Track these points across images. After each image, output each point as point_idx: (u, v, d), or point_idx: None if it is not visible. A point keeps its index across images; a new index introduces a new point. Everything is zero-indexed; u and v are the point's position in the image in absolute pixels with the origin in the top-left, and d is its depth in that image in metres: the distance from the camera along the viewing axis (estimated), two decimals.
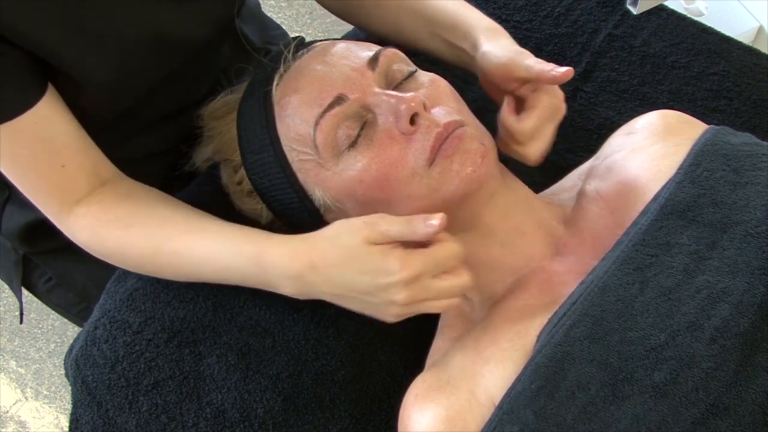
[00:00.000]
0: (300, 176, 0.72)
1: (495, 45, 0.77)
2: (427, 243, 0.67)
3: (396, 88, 0.72)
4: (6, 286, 1.61)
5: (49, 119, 0.71)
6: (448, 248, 0.67)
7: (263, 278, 0.71)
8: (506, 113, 0.74)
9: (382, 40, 0.81)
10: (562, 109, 0.76)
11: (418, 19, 0.84)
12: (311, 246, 0.68)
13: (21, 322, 1.08)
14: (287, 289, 0.70)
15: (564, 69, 0.70)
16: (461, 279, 0.67)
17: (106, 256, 0.77)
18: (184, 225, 0.74)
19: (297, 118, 0.71)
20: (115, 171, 0.79)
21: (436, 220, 0.64)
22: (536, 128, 0.73)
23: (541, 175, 0.90)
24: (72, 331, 1.73)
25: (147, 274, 0.80)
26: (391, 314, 0.68)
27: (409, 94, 0.68)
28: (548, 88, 0.74)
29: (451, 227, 0.72)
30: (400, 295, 0.65)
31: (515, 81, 0.75)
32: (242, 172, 0.77)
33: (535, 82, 0.73)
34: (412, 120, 0.68)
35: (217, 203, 0.84)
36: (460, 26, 0.81)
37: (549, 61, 0.99)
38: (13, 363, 1.72)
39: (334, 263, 0.67)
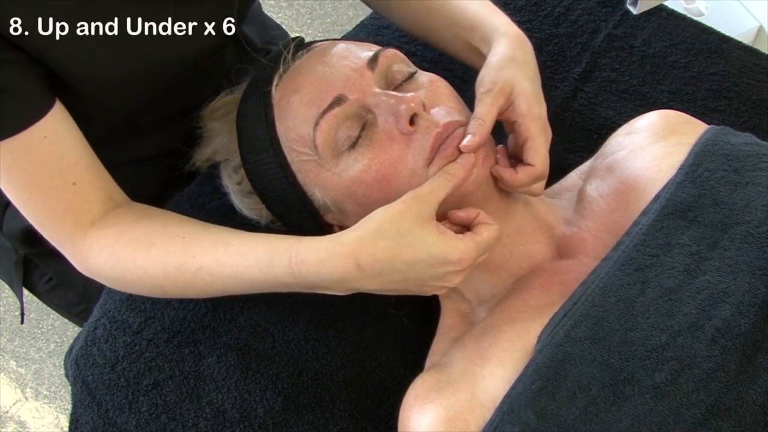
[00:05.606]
0: (300, 177, 0.72)
1: (494, 57, 0.73)
2: (469, 224, 0.67)
3: (396, 88, 0.71)
4: (6, 286, 1.61)
5: (58, 133, 0.67)
6: (494, 231, 0.67)
7: (303, 285, 0.68)
8: (510, 175, 0.70)
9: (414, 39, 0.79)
10: (549, 129, 0.73)
11: (441, 19, 0.82)
12: (353, 246, 0.64)
13: (22, 322, 1.08)
14: (332, 290, 0.68)
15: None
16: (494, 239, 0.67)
17: (121, 280, 0.73)
18: (208, 241, 0.70)
19: (297, 118, 0.71)
20: (126, 197, 0.76)
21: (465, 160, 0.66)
22: (546, 163, 0.70)
23: None
24: (72, 331, 1.73)
25: (164, 297, 0.76)
26: (435, 292, 0.69)
27: (408, 95, 0.68)
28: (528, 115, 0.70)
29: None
30: (455, 280, 0.66)
31: None
32: (242, 172, 0.77)
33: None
34: (412, 120, 0.68)
35: (217, 203, 0.84)
36: (479, 28, 0.78)
37: (549, 60, 1.00)
38: (13, 363, 1.72)
39: (382, 258, 0.63)
